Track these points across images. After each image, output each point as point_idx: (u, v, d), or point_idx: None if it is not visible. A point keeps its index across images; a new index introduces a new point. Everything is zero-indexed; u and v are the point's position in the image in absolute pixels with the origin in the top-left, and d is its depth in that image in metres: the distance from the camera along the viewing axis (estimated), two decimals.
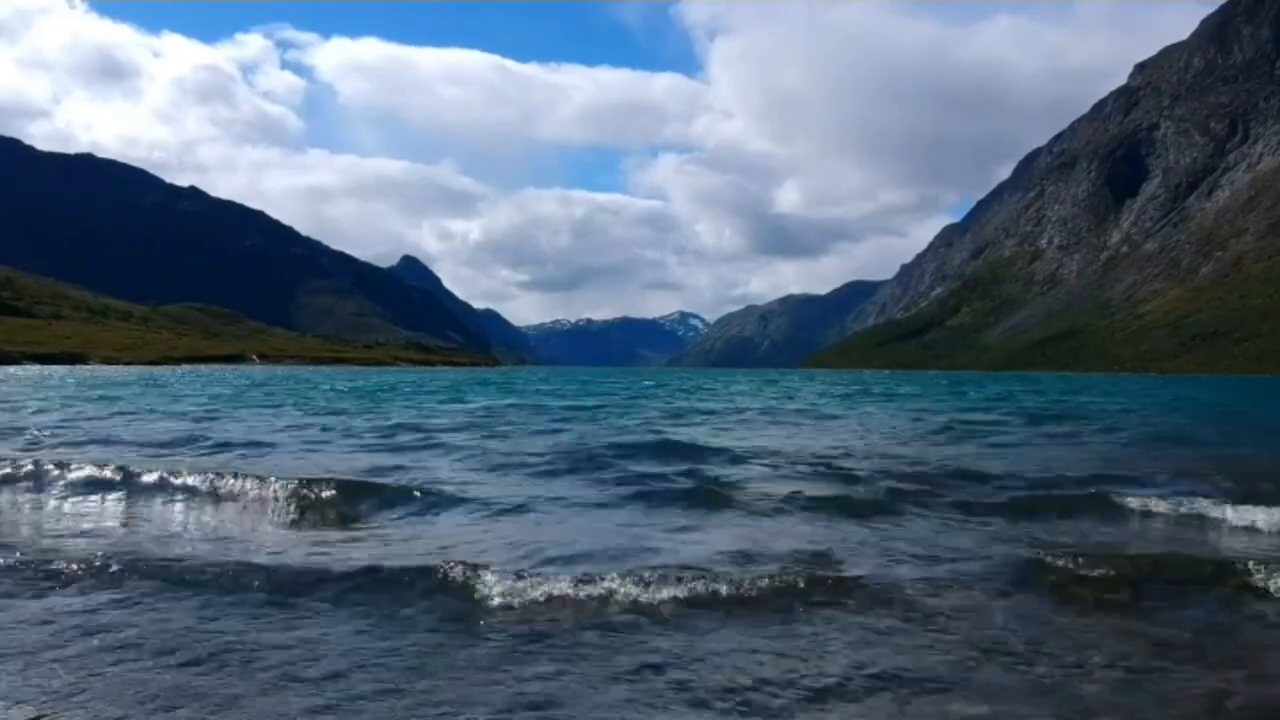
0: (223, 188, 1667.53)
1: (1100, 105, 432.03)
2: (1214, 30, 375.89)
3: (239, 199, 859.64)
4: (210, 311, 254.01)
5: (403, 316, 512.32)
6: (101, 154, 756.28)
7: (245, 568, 6.24)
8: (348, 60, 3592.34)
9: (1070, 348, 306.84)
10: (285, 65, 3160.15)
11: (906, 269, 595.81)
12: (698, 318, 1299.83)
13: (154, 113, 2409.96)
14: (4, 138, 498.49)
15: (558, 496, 9.68)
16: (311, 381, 57.65)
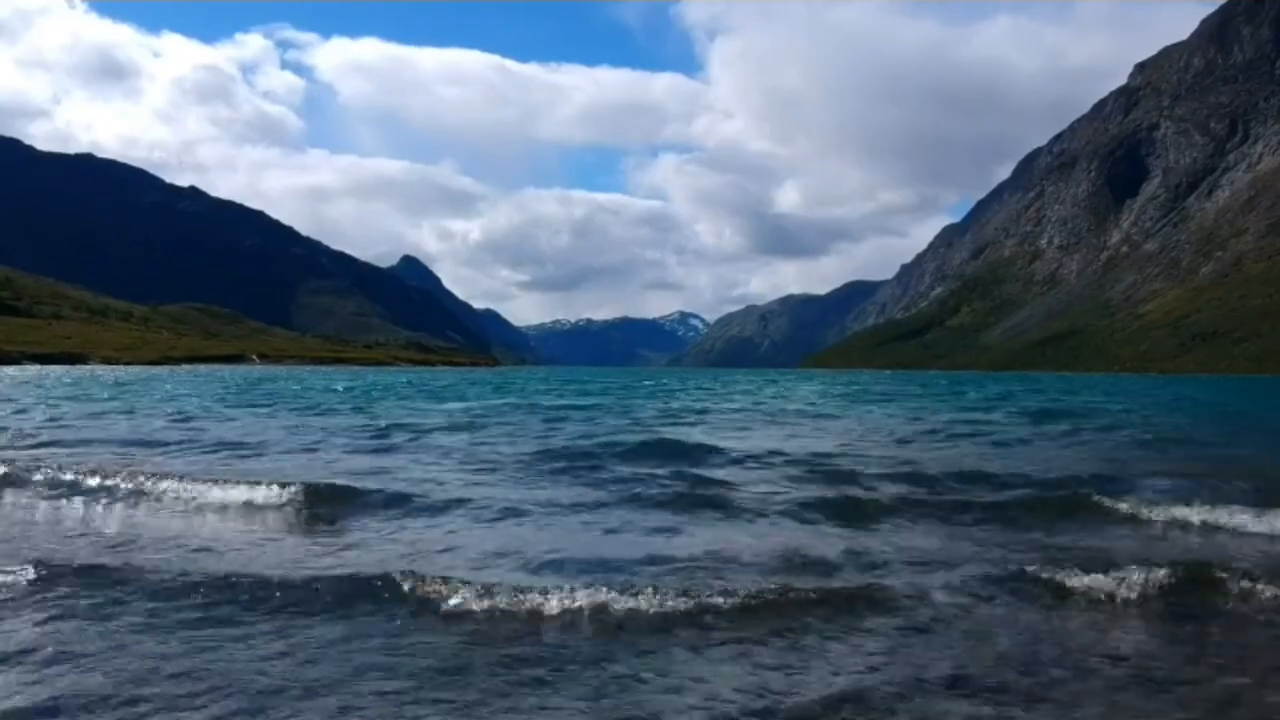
0: (223, 188, 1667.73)
1: (1100, 105, 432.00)
2: (1214, 30, 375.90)
3: (239, 199, 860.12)
4: (210, 311, 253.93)
5: (403, 316, 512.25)
6: (101, 154, 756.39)
7: (198, 576, 5.94)
8: (348, 60, 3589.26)
9: (1070, 348, 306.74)
10: (285, 65, 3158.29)
11: (906, 269, 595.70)
12: (698, 318, 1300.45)
13: (154, 113, 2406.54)
14: (4, 138, 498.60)
15: (544, 499, 9.52)
16: (309, 381, 57.57)
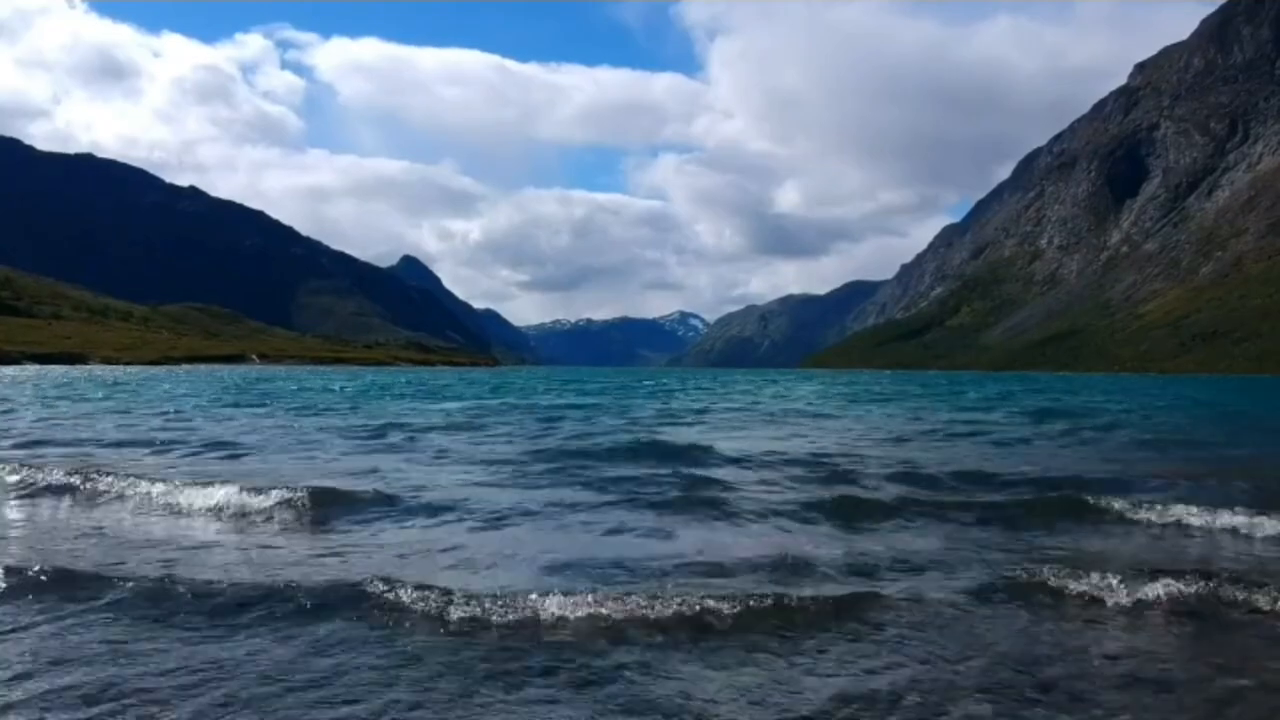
0: (223, 188, 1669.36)
1: (1100, 105, 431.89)
2: (1214, 30, 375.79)
3: (239, 199, 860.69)
4: (210, 311, 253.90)
5: (403, 316, 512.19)
6: (101, 154, 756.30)
7: (174, 582, 5.79)
8: (348, 60, 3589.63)
9: (1070, 348, 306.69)
10: (285, 65, 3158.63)
11: (906, 269, 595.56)
12: (698, 318, 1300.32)
13: (154, 113, 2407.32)
14: (4, 138, 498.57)
15: (538, 501, 9.41)
16: (307, 382, 57.49)
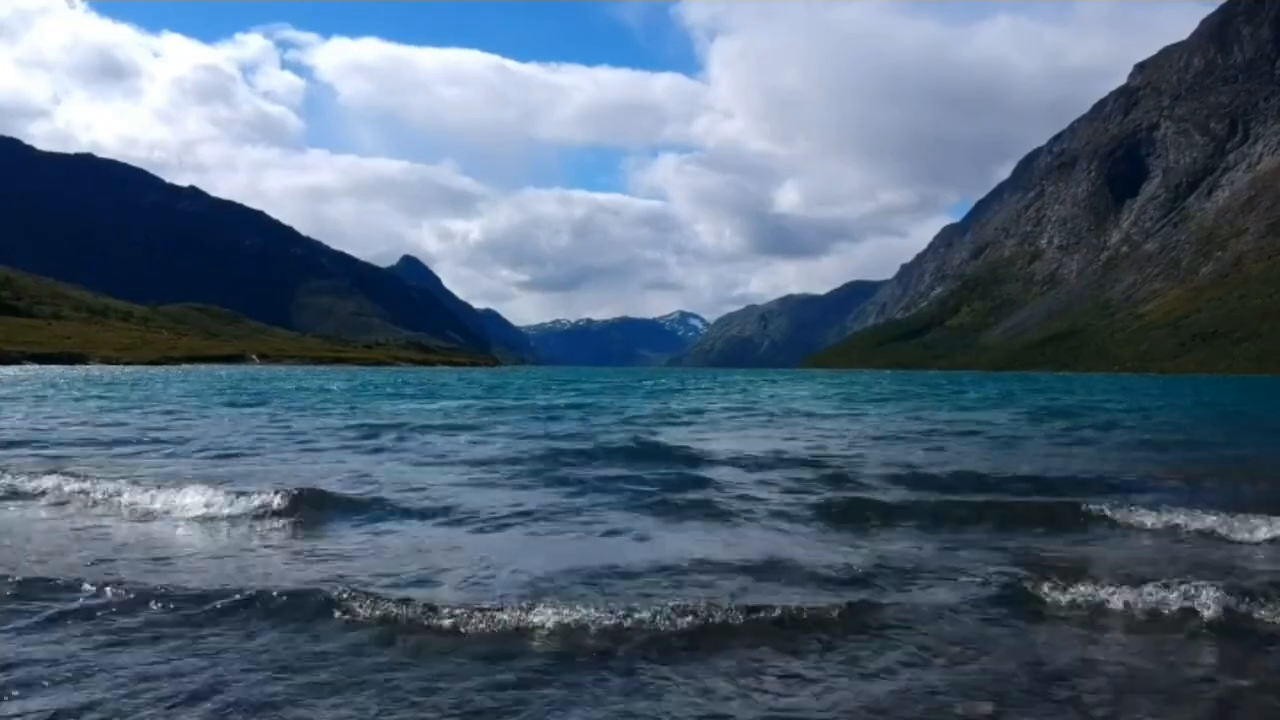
0: (223, 188, 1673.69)
1: (1100, 105, 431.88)
2: (1214, 30, 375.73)
3: (239, 199, 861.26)
4: (210, 311, 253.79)
5: (403, 316, 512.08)
6: (101, 154, 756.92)
7: (139, 590, 5.56)
8: (348, 60, 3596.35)
9: (1070, 348, 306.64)
10: (285, 65, 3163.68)
11: (906, 269, 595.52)
12: (698, 318, 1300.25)
13: (154, 113, 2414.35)
14: (4, 138, 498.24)
15: (527, 504, 9.28)
16: (305, 382, 57.35)
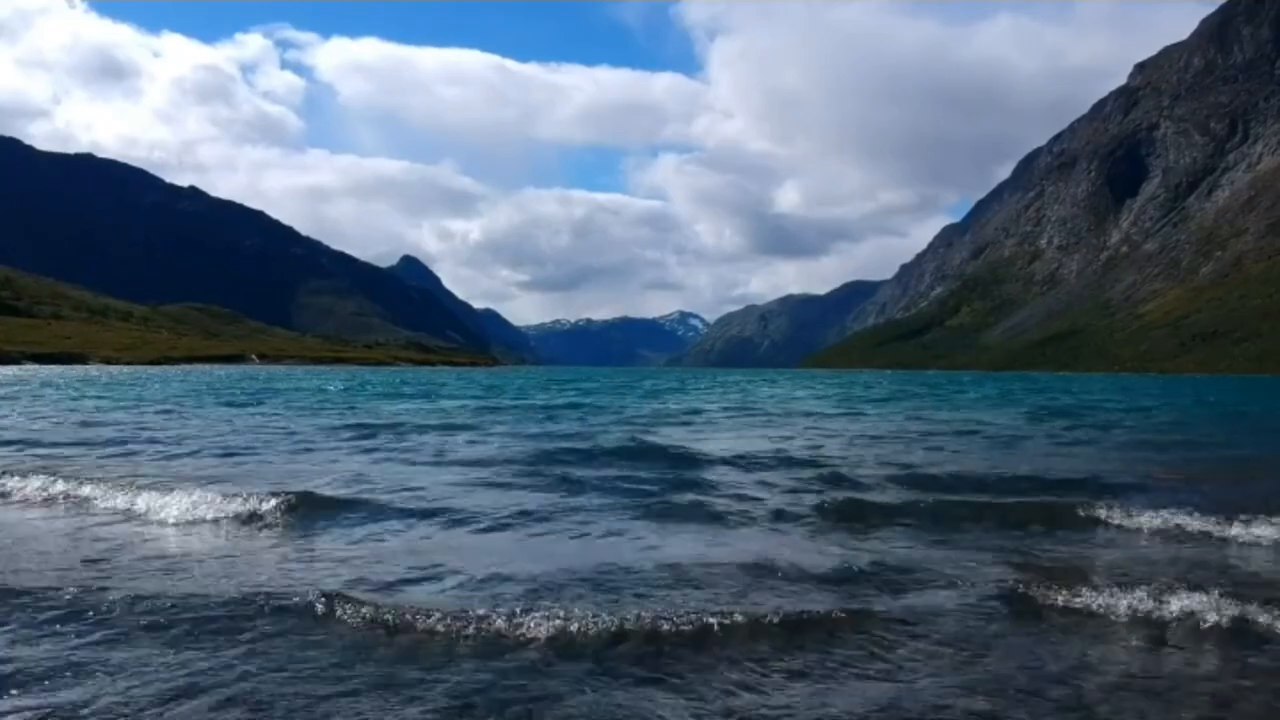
0: (223, 188, 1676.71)
1: (1100, 105, 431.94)
2: (1214, 30, 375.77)
3: (239, 199, 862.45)
4: (210, 311, 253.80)
5: (403, 316, 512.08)
6: (101, 154, 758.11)
7: (121, 593, 5.51)
8: (348, 60, 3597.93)
9: (1070, 348, 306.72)
10: (285, 65, 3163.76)
11: (906, 269, 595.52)
12: (698, 318, 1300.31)
13: (154, 113, 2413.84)
14: (4, 138, 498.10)
15: (518, 507, 9.20)
16: (302, 381, 57.28)
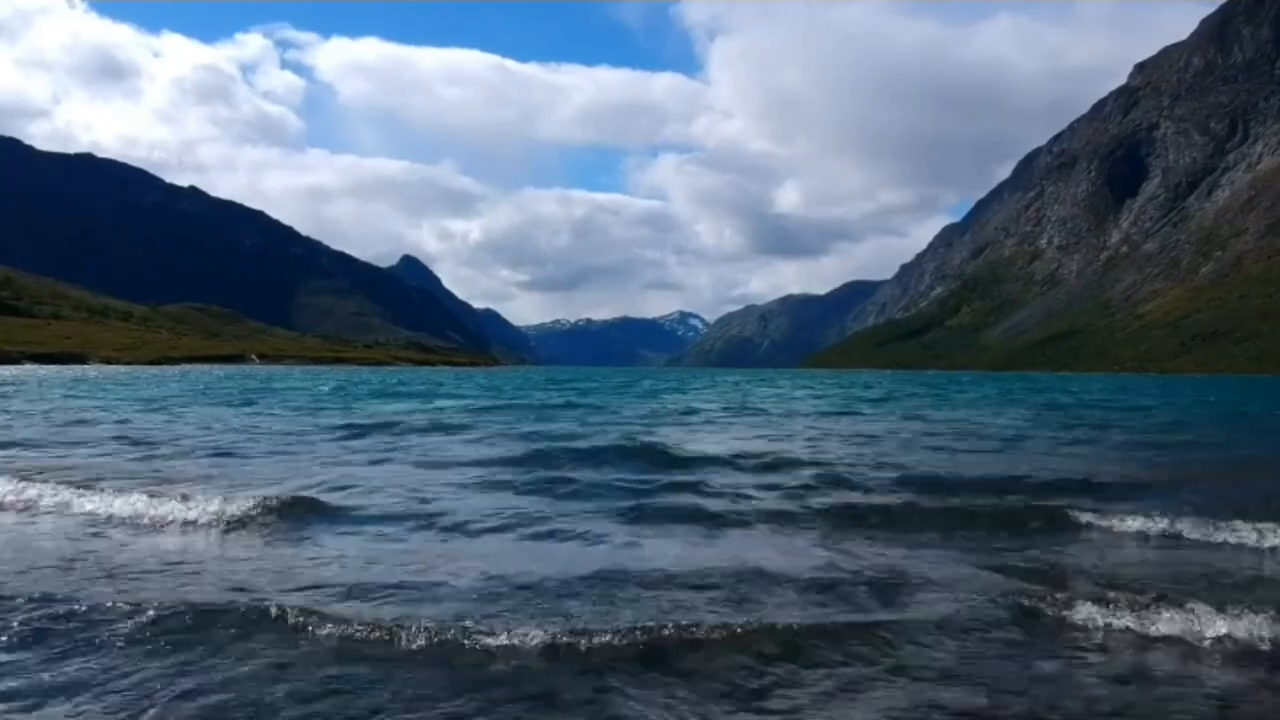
0: (223, 188, 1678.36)
1: (1100, 105, 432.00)
2: (1214, 30, 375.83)
3: (239, 199, 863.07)
4: (210, 311, 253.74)
5: (403, 316, 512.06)
6: (101, 154, 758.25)
7: (83, 603, 5.40)
8: (348, 60, 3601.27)
9: (1070, 348, 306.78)
10: (285, 65, 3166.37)
11: (906, 269, 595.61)
12: (697, 318, 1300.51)
13: (154, 113, 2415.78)
14: (4, 138, 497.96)
15: (506, 509, 9.11)
16: (298, 381, 57.16)
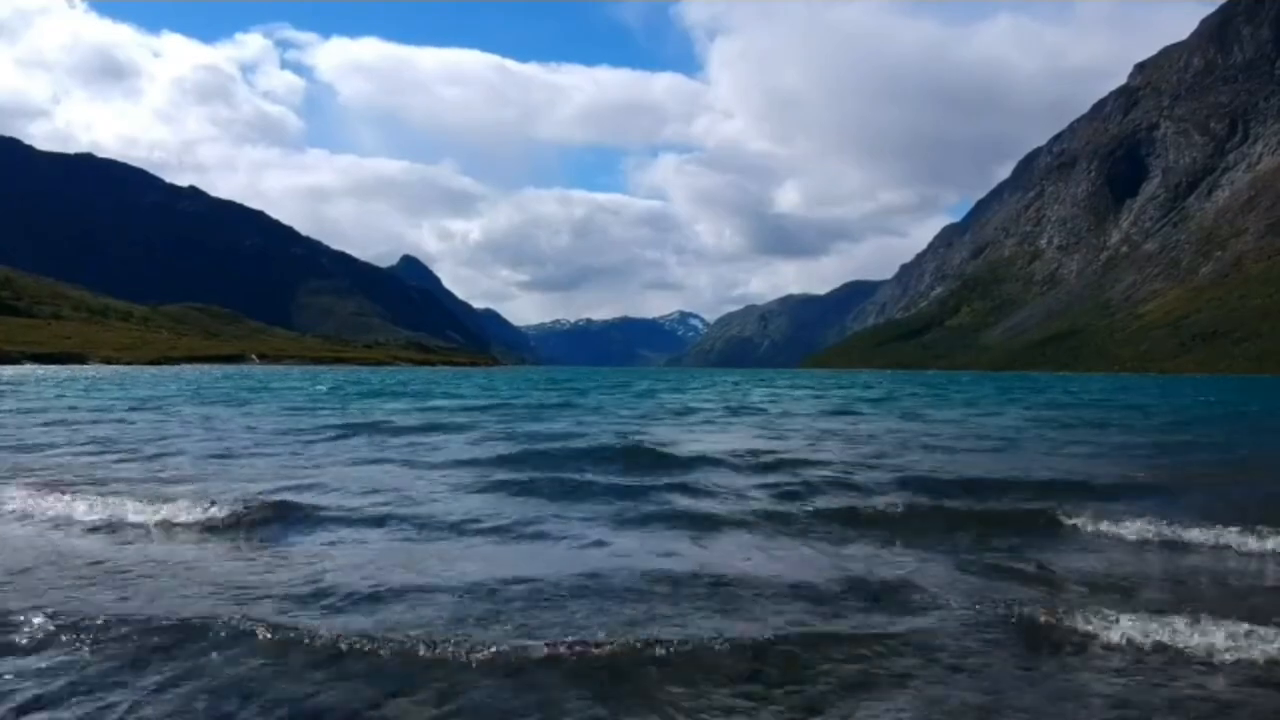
0: (223, 188, 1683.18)
1: (1100, 105, 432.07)
2: (1214, 30, 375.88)
3: (239, 199, 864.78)
4: (210, 311, 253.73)
5: (403, 316, 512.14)
6: (101, 154, 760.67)
7: (51, 611, 5.24)
8: (348, 60, 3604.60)
9: (1070, 348, 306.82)
10: (285, 65, 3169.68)
11: (906, 269, 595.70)
12: (697, 318, 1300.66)
13: (154, 113, 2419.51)
14: (4, 138, 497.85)
15: (493, 512, 9.02)
16: (296, 381, 57.06)
